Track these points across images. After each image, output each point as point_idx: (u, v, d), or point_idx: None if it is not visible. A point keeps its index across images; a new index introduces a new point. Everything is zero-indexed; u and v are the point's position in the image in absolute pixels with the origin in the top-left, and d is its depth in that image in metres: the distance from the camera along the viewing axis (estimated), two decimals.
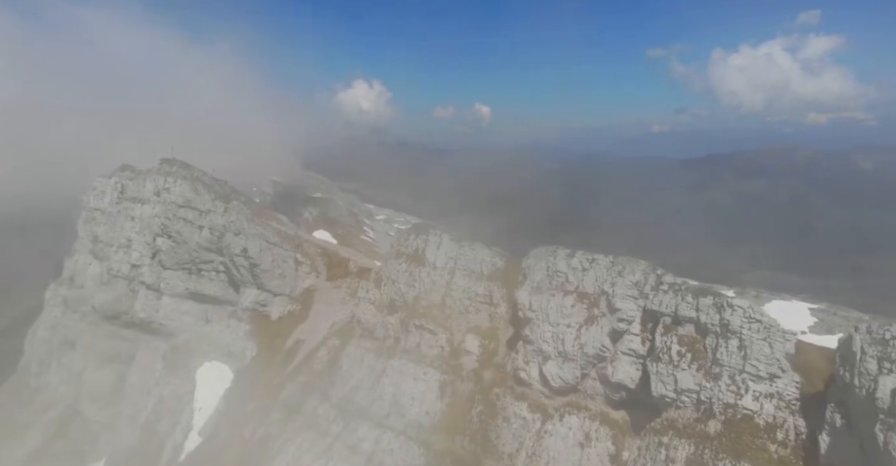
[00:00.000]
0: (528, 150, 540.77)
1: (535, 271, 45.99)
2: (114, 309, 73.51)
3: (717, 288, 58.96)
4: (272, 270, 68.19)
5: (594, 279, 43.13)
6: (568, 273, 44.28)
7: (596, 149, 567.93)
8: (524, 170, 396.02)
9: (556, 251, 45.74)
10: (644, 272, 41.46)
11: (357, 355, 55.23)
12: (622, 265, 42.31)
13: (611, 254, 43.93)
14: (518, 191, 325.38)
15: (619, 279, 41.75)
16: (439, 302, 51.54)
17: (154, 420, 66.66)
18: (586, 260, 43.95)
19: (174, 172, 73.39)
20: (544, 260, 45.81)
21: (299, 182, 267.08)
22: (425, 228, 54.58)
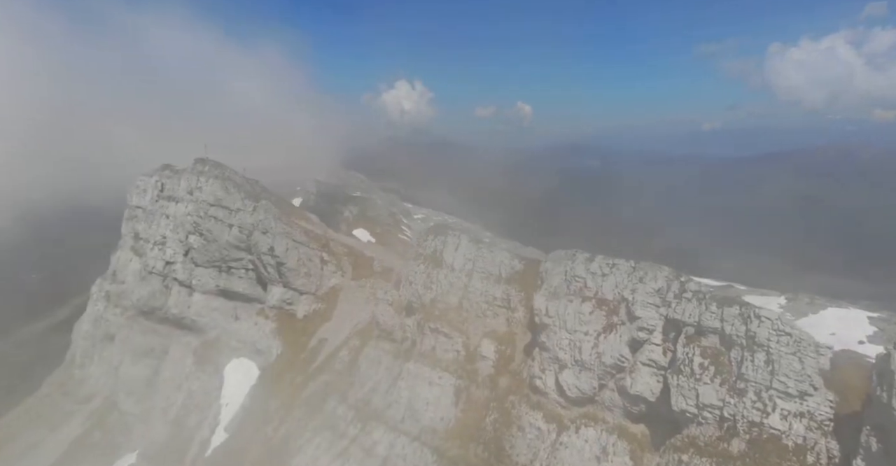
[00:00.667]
0: (569, 149, 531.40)
1: (553, 275, 44.23)
2: (149, 305, 75.63)
3: (768, 293, 56.05)
4: (298, 269, 68.54)
5: (614, 285, 41.06)
6: (587, 278, 42.35)
7: (641, 147, 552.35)
8: (565, 170, 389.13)
9: (574, 255, 43.86)
10: (667, 278, 39.14)
11: (375, 356, 54.72)
12: (644, 271, 40.09)
13: (633, 259, 41.75)
14: (558, 191, 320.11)
15: (640, 285, 39.57)
16: (456, 304, 50.38)
17: (183, 415, 68.12)
18: (606, 264, 41.91)
19: (206, 172, 74.84)
20: (562, 265, 43.99)
21: (341, 181, 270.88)
22: (444, 229, 53.59)
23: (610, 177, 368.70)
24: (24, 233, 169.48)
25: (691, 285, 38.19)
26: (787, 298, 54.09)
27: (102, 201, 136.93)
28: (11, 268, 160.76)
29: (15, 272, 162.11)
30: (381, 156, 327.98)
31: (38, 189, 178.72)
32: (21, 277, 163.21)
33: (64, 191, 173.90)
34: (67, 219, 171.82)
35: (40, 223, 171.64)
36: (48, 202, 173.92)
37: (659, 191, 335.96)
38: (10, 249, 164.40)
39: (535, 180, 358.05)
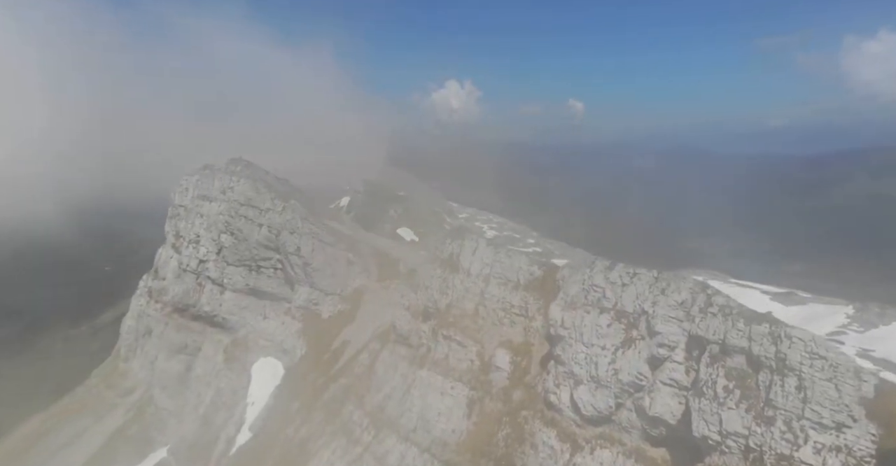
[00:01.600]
0: (622, 147, 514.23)
1: (570, 284, 41.51)
2: (183, 302, 77.26)
3: (834, 302, 51.36)
4: (323, 269, 68.28)
5: (634, 296, 37.98)
6: (605, 288, 39.43)
7: (700, 146, 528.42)
8: (617, 169, 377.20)
9: (593, 262, 41.00)
10: (691, 291, 35.78)
11: (391, 362, 53.43)
12: (666, 282, 36.85)
13: (655, 269, 38.53)
14: (609, 191, 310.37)
15: (662, 298, 36.37)
16: (472, 311, 48.33)
17: (211, 412, 69.08)
18: (626, 274, 38.85)
19: (238, 171, 75.77)
20: (580, 273, 41.20)
21: (389, 181, 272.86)
22: (462, 232, 51.61)
23: (665, 177, 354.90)
24: (95, 226, 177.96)
25: (718, 298, 34.71)
26: (854, 308, 49.18)
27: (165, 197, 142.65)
28: (87, 258, 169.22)
29: (90, 262, 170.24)
30: (429, 155, 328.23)
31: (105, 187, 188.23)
32: (96, 267, 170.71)
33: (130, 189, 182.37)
34: (132, 214, 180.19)
35: (110, 217, 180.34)
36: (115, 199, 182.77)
37: (718, 191, 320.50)
38: (82, 240, 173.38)
39: (586, 179, 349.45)
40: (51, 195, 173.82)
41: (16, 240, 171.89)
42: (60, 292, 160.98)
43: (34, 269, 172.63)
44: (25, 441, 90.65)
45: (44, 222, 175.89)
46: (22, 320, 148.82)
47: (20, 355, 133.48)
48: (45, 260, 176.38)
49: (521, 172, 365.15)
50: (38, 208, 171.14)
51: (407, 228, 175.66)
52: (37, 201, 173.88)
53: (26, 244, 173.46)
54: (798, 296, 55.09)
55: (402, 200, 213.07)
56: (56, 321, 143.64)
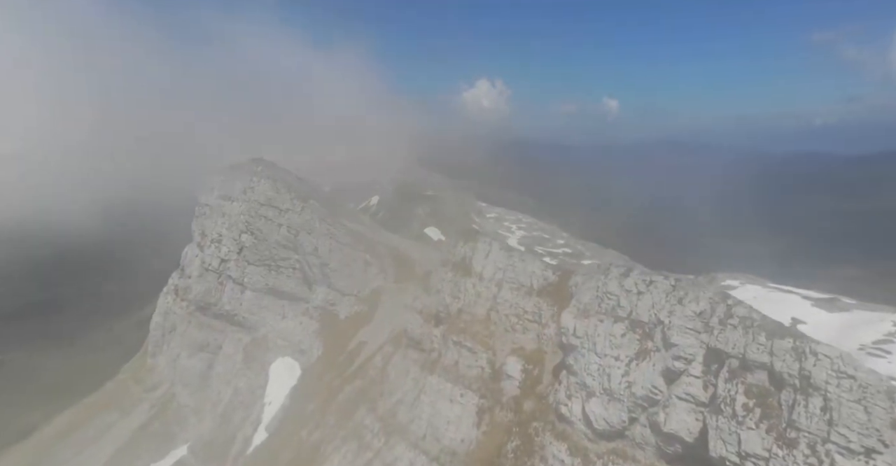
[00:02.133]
0: (659, 145, 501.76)
1: (584, 291, 39.63)
2: (205, 300, 77.96)
3: (879, 309, 48.24)
4: (341, 270, 67.80)
5: (650, 305, 35.92)
6: (620, 295, 37.45)
7: (741, 143, 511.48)
8: (654, 168, 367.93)
9: (608, 268, 39.04)
10: (710, 301, 33.56)
11: (403, 367, 52.45)
12: (684, 291, 34.69)
13: (673, 276, 36.40)
14: (648, 190, 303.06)
15: (679, 307, 34.24)
16: (484, 317, 46.85)
17: (230, 411, 69.44)
18: (643, 281, 36.79)
19: (259, 172, 75.97)
20: (594, 279, 39.30)
21: (418, 180, 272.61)
22: (474, 234, 50.10)
23: (704, 175, 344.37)
24: (141, 223, 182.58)
25: (739, 309, 32.42)
26: None
27: None
28: (132, 255, 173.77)
29: (135, 258, 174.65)
30: (458, 154, 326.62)
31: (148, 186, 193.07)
32: (141, 262, 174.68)
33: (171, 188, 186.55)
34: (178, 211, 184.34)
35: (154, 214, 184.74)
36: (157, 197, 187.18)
37: (763, 190, 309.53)
38: (129, 237, 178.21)
39: (622, 178, 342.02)
40: (94, 192, 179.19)
41: (59, 237, 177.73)
42: (106, 287, 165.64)
43: (78, 265, 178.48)
44: (59, 433, 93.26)
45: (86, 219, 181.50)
46: (66, 314, 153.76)
47: (64, 348, 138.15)
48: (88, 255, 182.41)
49: (553, 171, 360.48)
50: (79, 206, 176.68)
51: (434, 227, 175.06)
52: (78, 199, 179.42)
53: (69, 240, 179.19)
54: (842, 302, 51.92)
55: (430, 200, 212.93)
56: (100, 315, 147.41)
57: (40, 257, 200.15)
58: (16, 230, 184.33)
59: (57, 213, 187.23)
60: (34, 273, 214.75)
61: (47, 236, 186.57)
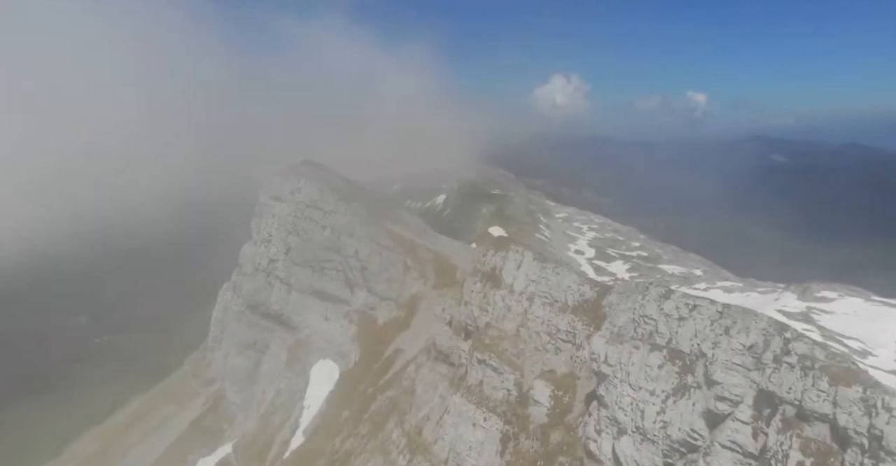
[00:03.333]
0: (751, 142, 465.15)
1: (618, 313, 34.93)
2: (254, 299, 78.65)
3: None
4: (380, 274, 65.79)
5: (692, 333, 30.83)
6: (658, 320, 32.52)
7: (842, 141, 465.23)
8: (743, 166, 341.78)
9: (646, 288, 34.10)
10: (764, 332, 28.13)
11: (431, 380, 49.48)
12: (732, 318, 29.39)
13: (721, 303, 31.07)
14: (733, 191, 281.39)
15: (725, 338, 29.03)
16: (512, 333, 42.93)
17: (270, 412, 69.41)
18: (685, 305, 31.68)
19: (306, 173, 75.45)
20: (631, 300, 34.50)
21: (485, 179, 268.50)
22: (505, 243, 46.09)
23: (800, 175, 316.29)
24: (213, 218, 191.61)
25: (798, 345, 26.85)
26: None
27: None
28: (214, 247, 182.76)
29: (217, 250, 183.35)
30: (529, 152, 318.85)
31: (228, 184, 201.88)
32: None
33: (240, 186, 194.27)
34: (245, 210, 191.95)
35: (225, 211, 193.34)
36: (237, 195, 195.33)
37: (864, 191, 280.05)
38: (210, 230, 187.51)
39: (710, 177, 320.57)
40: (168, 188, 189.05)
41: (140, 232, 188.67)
42: (195, 277, 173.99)
43: (161, 257, 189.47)
44: (127, 420, 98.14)
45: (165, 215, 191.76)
46: (160, 302, 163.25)
47: (155, 333, 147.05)
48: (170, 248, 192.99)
49: (632, 170, 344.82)
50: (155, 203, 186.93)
51: (499, 227, 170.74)
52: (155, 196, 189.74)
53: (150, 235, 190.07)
54: None
55: (495, 199, 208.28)
56: (190, 303, 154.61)
57: (128, 250, 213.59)
58: (101, 225, 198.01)
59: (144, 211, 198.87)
60: (125, 264, 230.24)
61: (129, 230, 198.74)
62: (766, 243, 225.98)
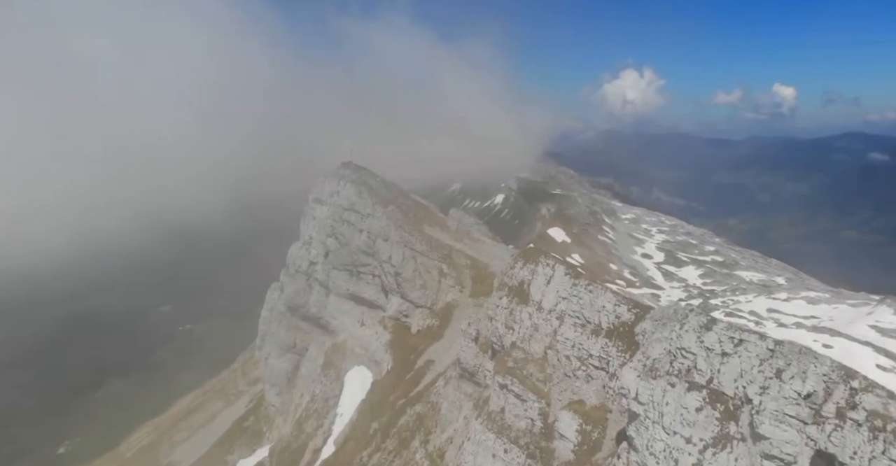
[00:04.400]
0: (847, 139, 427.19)
1: (652, 342, 30.45)
2: (294, 302, 78.04)
3: None
4: (413, 280, 63.12)
5: (737, 373, 26.10)
6: (698, 355, 27.91)
7: None
8: (837, 164, 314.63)
9: (686, 316, 29.43)
10: (826, 379, 23.17)
11: (456, 400, 46.35)
12: (786, 359, 24.50)
13: (774, 339, 26.14)
14: (825, 190, 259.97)
15: (776, 383, 24.22)
16: (539, 356, 39.02)
17: (304, 418, 68.44)
18: (729, 338, 26.93)
19: (346, 176, 73.87)
20: (667, 329, 29.94)
21: (545, 178, 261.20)
22: (535, 255, 42.03)
23: None
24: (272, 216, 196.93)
25: (869, 399, 21.79)
26: None
27: None
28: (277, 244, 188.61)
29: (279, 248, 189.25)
30: (596, 150, 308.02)
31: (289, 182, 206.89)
32: None
33: None
34: None
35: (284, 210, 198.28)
36: None
37: None
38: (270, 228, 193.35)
39: (793, 177, 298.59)
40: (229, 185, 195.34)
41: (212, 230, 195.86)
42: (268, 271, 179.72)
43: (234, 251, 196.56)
44: (179, 414, 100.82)
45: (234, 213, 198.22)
46: (236, 294, 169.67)
47: (232, 323, 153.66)
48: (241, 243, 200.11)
49: (710, 168, 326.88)
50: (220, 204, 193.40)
51: (559, 228, 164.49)
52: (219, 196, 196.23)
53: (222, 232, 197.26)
54: None
55: (556, 199, 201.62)
56: None
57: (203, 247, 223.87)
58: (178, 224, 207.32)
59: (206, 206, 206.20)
60: (203, 258, 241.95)
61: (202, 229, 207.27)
62: (861, 249, 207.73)
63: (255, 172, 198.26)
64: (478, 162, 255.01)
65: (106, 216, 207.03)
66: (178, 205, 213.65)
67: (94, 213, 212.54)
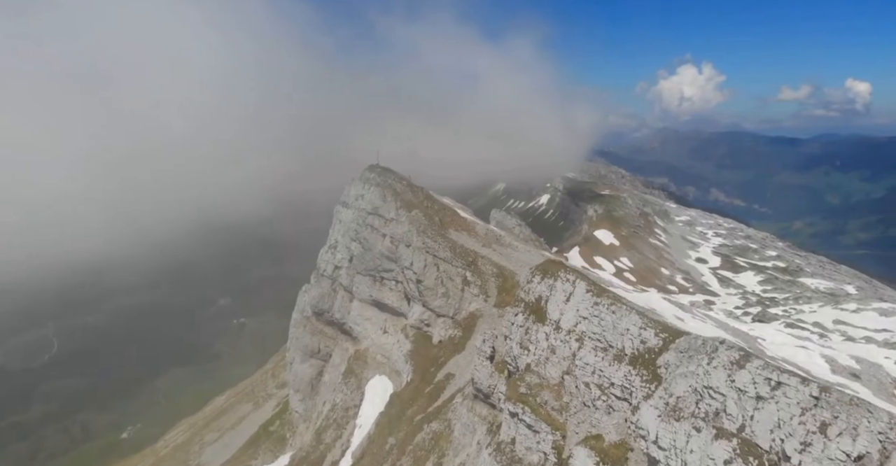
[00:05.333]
0: None
1: (676, 378, 26.58)
2: (318, 306, 76.58)
3: None
4: (435, 288, 60.19)
5: (774, 423, 22.04)
6: (728, 397, 23.93)
7: None
8: None
9: (716, 349, 25.42)
10: (883, 438, 19.00)
11: (469, 422, 43.18)
12: (835, 410, 20.34)
13: (819, 383, 21.99)
14: None
15: (820, 439, 20.13)
16: (556, 381, 35.41)
17: (324, 428, 66.72)
18: (765, 379, 22.86)
19: (371, 179, 71.78)
20: (693, 363, 26.00)
21: (593, 177, 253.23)
22: (554, 268, 38.33)
23: None
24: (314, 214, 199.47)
25: None
26: None
27: None
28: None
29: None
30: (650, 148, 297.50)
31: None
32: None
33: None
34: None
35: None
36: None
37: None
38: None
39: (869, 177, 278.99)
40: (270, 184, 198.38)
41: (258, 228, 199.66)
42: None
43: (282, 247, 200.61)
44: (211, 415, 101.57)
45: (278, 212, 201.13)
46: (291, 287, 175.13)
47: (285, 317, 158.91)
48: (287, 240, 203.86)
49: (772, 168, 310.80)
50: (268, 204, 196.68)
51: (606, 231, 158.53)
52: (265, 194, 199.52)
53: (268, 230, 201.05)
54: None
55: (604, 200, 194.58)
56: None
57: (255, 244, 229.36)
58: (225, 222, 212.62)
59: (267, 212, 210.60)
60: (258, 254, 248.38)
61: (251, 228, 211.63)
62: None
63: (300, 170, 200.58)
64: (523, 161, 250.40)
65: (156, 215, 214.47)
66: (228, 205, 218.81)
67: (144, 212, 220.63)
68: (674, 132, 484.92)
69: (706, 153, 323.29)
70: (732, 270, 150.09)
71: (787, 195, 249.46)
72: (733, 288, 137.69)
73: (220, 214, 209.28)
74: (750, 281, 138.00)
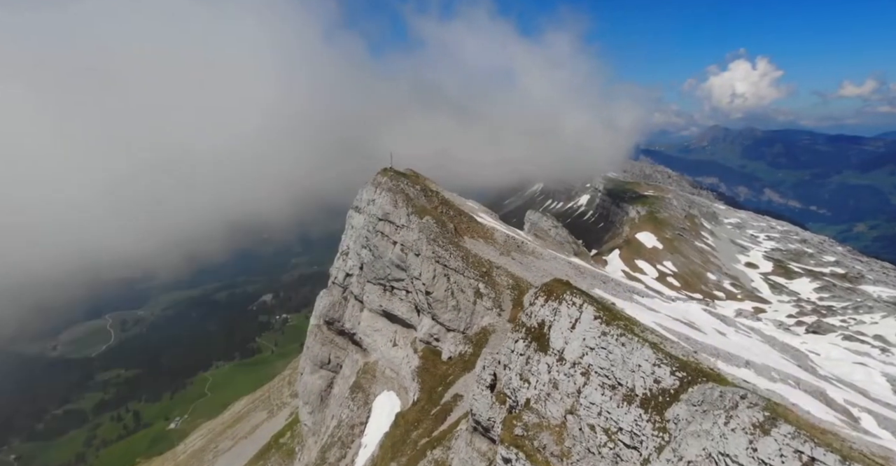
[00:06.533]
0: None
1: (687, 437, 21.74)
2: (328, 315, 73.66)
3: None
4: (445, 301, 56.09)
5: None
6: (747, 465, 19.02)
7: None
8: None
9: (735, 406, 20.49)
10: None
11: (467, 458, 38.86)
12: None
13: (863, 453, 16.93)
14: None
15: None
16: (558, 421, 30.80)
17: (328, 445, 63.61)
18: (795, 453, 17.92)
19: (383, 183, 68.25)
20: (707, 420, 21.14)
21: (636, 177, 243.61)
22: (559, 290, 33.63)
23: None
24: None
25: None
26: None
27: None
28: None
29: None
30: (699, 147, 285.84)
31: None
32: None
33: None
34: None
35: None
36: None
37: None
38: None
39: None
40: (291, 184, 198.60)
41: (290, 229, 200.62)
42: None
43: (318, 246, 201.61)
44: (228, 421, 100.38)
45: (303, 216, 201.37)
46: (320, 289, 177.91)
47: None
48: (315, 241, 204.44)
49: (832, 167, 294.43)
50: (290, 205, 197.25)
51: (649, 233, 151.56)
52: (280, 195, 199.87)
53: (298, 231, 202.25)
54: None
55: (647, 200, 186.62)
56: None
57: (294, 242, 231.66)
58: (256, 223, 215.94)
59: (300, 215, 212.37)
60: (298, 252, 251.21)
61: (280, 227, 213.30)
62: None
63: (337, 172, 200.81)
64: (562, 161, 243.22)
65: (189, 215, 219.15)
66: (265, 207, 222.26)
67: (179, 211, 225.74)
68: (724, 130, 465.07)
69: (760, 152, 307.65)
70: (786, 276, 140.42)
71: (848, 196, 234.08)
72: (786, 296, 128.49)
73: (258, 215, 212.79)
74: (805, 288, 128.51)
